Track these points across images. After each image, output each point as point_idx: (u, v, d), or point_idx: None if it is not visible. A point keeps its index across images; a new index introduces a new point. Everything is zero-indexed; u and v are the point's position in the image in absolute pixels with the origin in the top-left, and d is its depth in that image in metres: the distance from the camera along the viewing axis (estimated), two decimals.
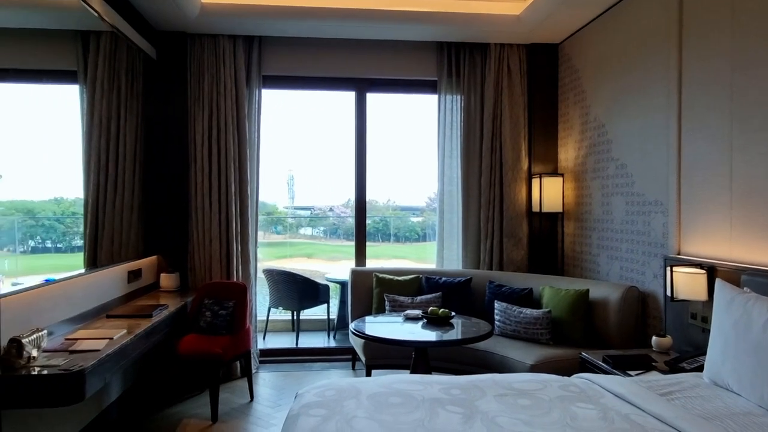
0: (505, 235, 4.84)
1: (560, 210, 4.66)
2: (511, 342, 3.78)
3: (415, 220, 9.20)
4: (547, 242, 4.90)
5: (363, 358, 4.08)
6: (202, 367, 3.68)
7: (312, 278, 5.77)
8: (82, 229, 4.05)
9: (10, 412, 2.43)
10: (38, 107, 3.64)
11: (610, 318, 3.60)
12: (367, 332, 3.41)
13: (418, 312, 3.72)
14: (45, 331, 2.49)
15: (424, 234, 9.09)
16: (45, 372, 2.29)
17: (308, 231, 10.01)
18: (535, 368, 3.36)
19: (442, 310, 3.56)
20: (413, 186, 8.92)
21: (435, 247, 5.12)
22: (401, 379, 2.41)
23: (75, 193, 4.08)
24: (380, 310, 4.44)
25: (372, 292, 4.60)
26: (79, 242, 4.08)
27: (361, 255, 5.16)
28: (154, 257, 4.56)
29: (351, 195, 5.15)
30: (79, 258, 3.98)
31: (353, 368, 4.79)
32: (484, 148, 4.90)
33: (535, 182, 4.77)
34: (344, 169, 8.76)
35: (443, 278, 4.49)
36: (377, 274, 4.60)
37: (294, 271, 5.76)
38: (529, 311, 3.82)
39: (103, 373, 2.56)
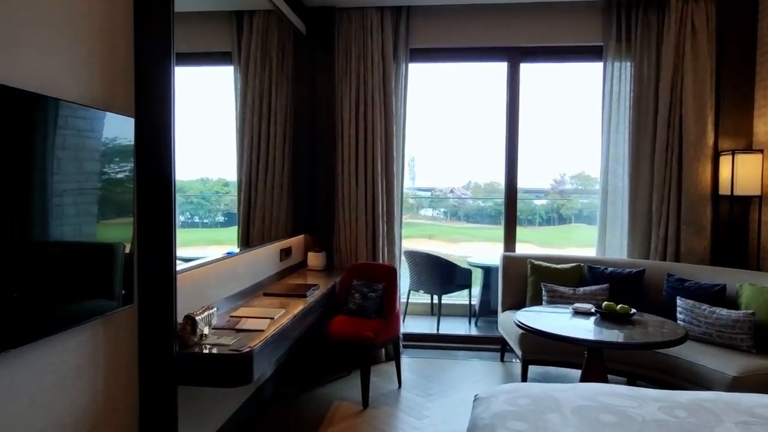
0: (684, 222, 4.19)
1: (758, 193, 3.92)
2: (701, 347, 3.23)
3: (539, 203, 8.70)
4: (737, 231, 4.18)
5: (519, 352, 3.75)
6: (352, 351, 3.58)
7: (454, 262, 5.51)
8: (224, 206, 4.13)
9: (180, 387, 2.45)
10: (198, 90, 3.71)
11: None
12: (531, 325, 3.07)
13: (588, 306, 3.30)
14: (215, 309, 2.47)
15: (548, 218, 8.67)
16: (215, 351, 2.25)
17: (428, 212, 9.84)
18: (738, 381, 2.81)
19: (620, 306, 3.11)
20: (539, 167, 8.23)
21: (593, 231, 4.61)
22: (603, 390, 2.05)
23: (219, 174, 4.15)
24: (536, 300, 4.06)
25: (526, 279, 4.23)
26: (222, 218, 4.19)
27: (510, 239, 4.79)
28: (302, 236, 4.57)
29: (472, 177, 4.77)
30: (221, 233, 4.08)
31: (502, 360, 4.48)
32: (659, 122, 4.26)
33: (725, 160, 4.06)
34: (466, 150, 8.31)
35: (609, 268, 3.99)
36: (532, 261, 4.21)
37: (437, 254, 5.54)
38: (725, 312, 3.23)
39: (268, 355, 2.49)
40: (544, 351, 3.64)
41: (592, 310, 3.24)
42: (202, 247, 3.84)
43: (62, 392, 1.82)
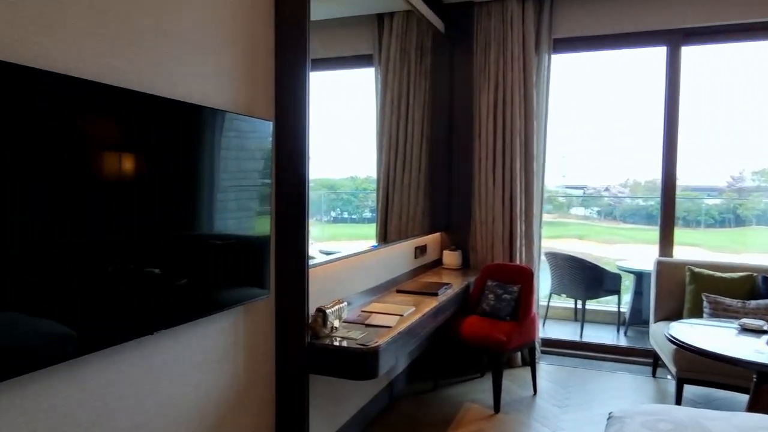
0: None
1: None
2: None
3: (710, 202, 7.73)
4: None
5: (672, 368, 3.38)
6: (484, 353, 3.50)
7: (602, 266, 5.13)
8: (370, 203, 4.26)
9: (313, 376, 2.59)
10: (345, 92, 3.89)
11: None
12: (686, 340, 2.74)
13: (760, 323, 2.86)
14: (345, 303, 2.57)
15: (721, 219, 7.67)
16: (344, 344, 2.34)
17: (580, 211, 9.26)
18: None
19: None
20: (711, 163, 7.13)
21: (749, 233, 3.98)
22: (763, 423, 1.76)
23: (366, 172, 4.29)
24: (695, 313, 3.62)
25: (684, 288, 3.79)
26: (368, 214, 4.34)
27: (667, 243, 4.32)
28: (437, 234, 4.57)
29: (630, 174, 4.32)
30: (367, 228, 4.22)
31: (653, 375, 4.06)
32: None
33: None
34: (623, 146, 7.58)
35: None
36: (692, 267, 3.76)
37: (582, 256, 5.20)
38: None
39: (394, 351, 2.53)
40: (703, 370, 3.23)
41: (765, 328, 2.79)
42: (349, 242, 4.05)
43: (208, 371, 2.02)
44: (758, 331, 2.79)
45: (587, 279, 5.05)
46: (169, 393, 1.84)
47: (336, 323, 2.49)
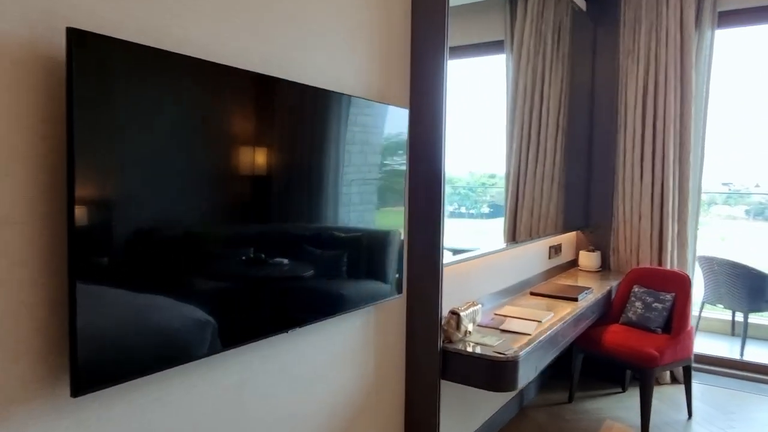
0: None
1: None
2: None
3: None
4: None
5: None
6: (630, 368, 3.12)
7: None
8: (488, 198, 4.01)
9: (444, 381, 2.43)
10: (469, 82, 3.68)
11: None
12: None
13: None
14: (480, 306, 2.38)
15: None
16: (479, 351, 2.15)
17: (724, 210, 8.28)
18: None
19: None
20: None
21: None
22: None
23: (485, 167, 4.04)
24: None
25: None
26: (486, 210, 4.10)
27: None
28: (573, 233, 4.21)
29: None
30: (486, 224, 3.98)
31: None
32: None
33: None
34: None
35: None
36: None
37: (745, 263, 4.53)
38: None
39: (534, 362, 2.30)
40: None
41: None
42: (467, 237, 3.86)
43: (339, 371, 1.94)
44: None
45: (750, 288, 4.39)
46: (301, 392, 1.78)
47: (470, 327, 2.31)
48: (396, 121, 2.04)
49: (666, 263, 3.84)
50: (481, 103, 3.91)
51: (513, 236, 3.88)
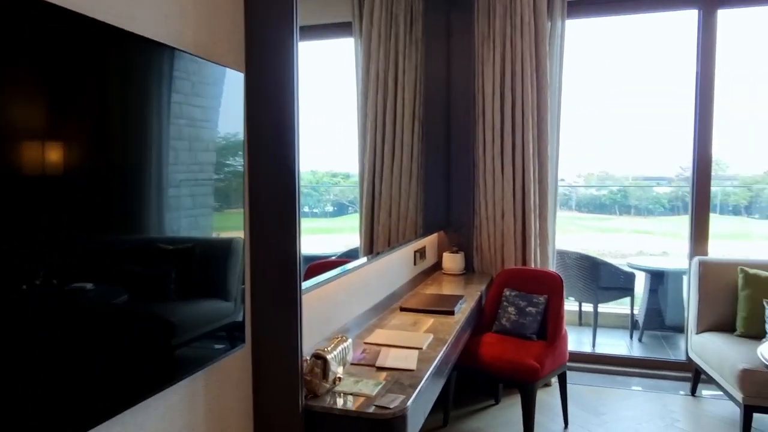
0: None
1: None
2: None
3: (660, 191, 7.90)
4: None
5: (737, 393, 2.76)
6: (510, 383, 2.81)
7: (616, 264, 4.55)
8: (332, 197, 3.52)
9: None
10: (309, 69, 3.10)
11: None
12: None
13: None
14: (349, 341, 1.81)
15: (671, 207, 7.85)
16: (355, 407, 1.58)
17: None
18: None
19: None
20: (659, 152, 7.10)
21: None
22: None
23: (332, 164, 3.53)
24: (752, 323, 3.04)
25: (734, 293, 3.20)
26: (330, 208, 3.62)
27: (701, 239, 3.74)
28: (435, 234, 3.86)
29: (583, 166, 3.73)
30: (329, 222, 3.47)
31: (693, 393, 3.47)
32: None
33: None
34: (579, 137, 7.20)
35: None
36: (745, 269, 3.17)
37: (593, 255, 4.60)
38: None
39: (423, 406, 1.80)
40: None
41: None
42: (310, 235, 3.30)
43: None
44: None
45: (600, 280, 4.45)
46: None
47: (340, 371, 1.73)
48: (226, 85, 1.38)
49: (530, 261, 3.65)
50: (326, 92, 3.32)
51: (370, 239, 3.40)
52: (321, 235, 3.30)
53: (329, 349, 1.68)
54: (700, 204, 3.73)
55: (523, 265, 3.65)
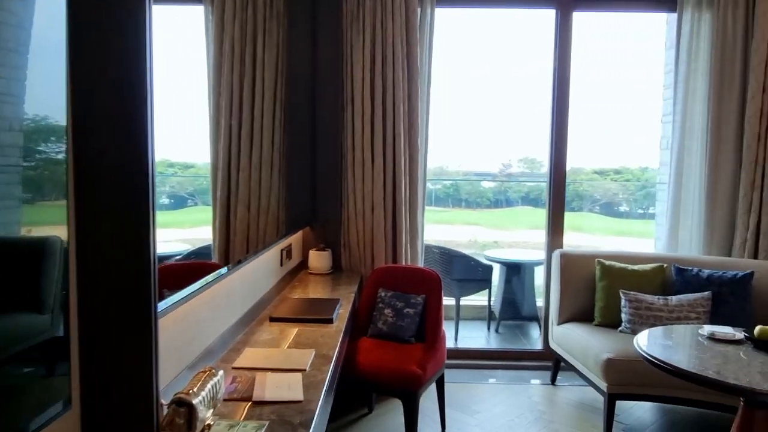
0: None
1: None
2: None
3: (487, 185, 8.60)
4: None
5: (601, 383, 2.85)
6: (391, 393, 2.57)
7: (474, 256, 4.59)
8: (168, 188, 3.04)
9: None
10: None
11: None
12: (674, 363, 2.15)
13: (731, 331, 2.42)
14: (221, 374, 1.41)
15: (496, 200, 8.63)
16: None
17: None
18: None
19: None
20: (486, 150, 7.83)
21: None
22: None
23: (161, 155, 3.00)
24: (610, 312, 3.18)
25: (592, 284, 3.34)
26: (165, 200, 3.12)
27: (557, 232, 3.87)
28: (300, 231, 3.49)
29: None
30: (164, 216, 2.99)
31: (553, 382, 3.58)
32: (751, 86, 3.42)
33: None
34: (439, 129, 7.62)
35: (705, 270, 3.14)
36: (602, 260, 3.31)
37: (455, 248, 4.59)
38: None
39: None
40: (636, 382, 2.76)
41: (738, 337, 2.35)
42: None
43: None
44: (730, 341, 2.34)
45: (462, 273, 4.46)
46: None
47: (209, 416, 1.32)
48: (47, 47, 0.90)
49: (401, 257, 3.47)
50: (168, 67, 2.78)
51: (226, 235, 2.94)
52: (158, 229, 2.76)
53: (195, 390, 1.27)
54: (557, 200, 3.86)
55: (393, 262, 3.46)
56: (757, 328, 2.27)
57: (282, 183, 3.41)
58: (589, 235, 8.10)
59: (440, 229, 7.99)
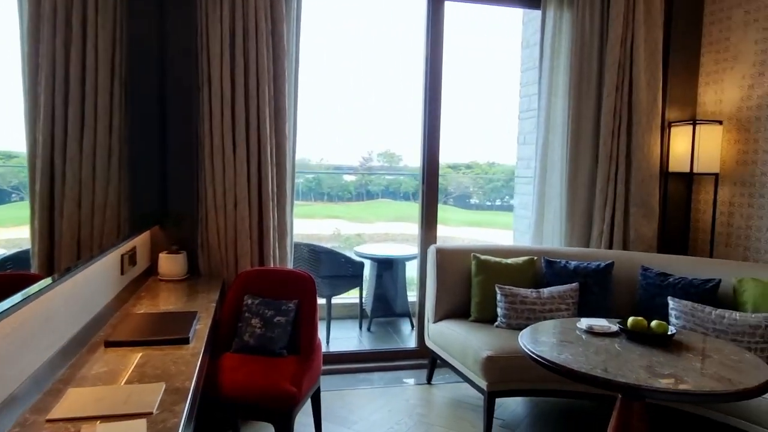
0: (634, 203, 3.61)
1: (717, 170, 3.48)
2: None
3: (348, 178, 8.75)
4: (682, 213, 3.74)
5: (480, 382, 2.77)
6: (263, 416, 2.23)
7: (344, 252, 4.37)
8: (7, 181, 2.45)
9: None
10: None
11: None
12: (544, 355, 2.08)
13: (606, 324, 2.43)
14: None
15: (357, 193, 8.77)
16: None
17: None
18: None
19: (657, 321, 2.29)
20: (348, 143, 7.93)
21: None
22: None
23: None
24: (486, 307, 3.13)
25: (468, 279, 3.27)
26: None
27: (430, 227, 3.78)
28: (148, 231, 2.98)
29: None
30: None
31: (429, 381, 3.48)
32: (606, 84, 3.58)
33: (680, 132, 3.55)
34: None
35: (572, 262, 3.22)
36: (478, 255, 3.26)
37: (323, 244, 4.32)
38: (737, 315, 2.63)
39: None
40: (515, 378, 2.72)
41: (614, 329, 2.37)
42: None
43: None
44: (607, 334, 2.35)
45: (333, 271, 4.21)
46: None
47: None
48: None
49: (269, 259, 3.11)
50: None
51: (49, 237, 2.38)
52: None
53: None
54: (430, 194, 3.76)
55: (261, 264, 3.09)
56: (630, 320, 2.31)
57: (123, 174, 2.87)
58: (446, 226, 8.42)
59: (304, 223, 7.80)
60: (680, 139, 3.53)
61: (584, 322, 2.43)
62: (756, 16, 3.31)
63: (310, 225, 8.36)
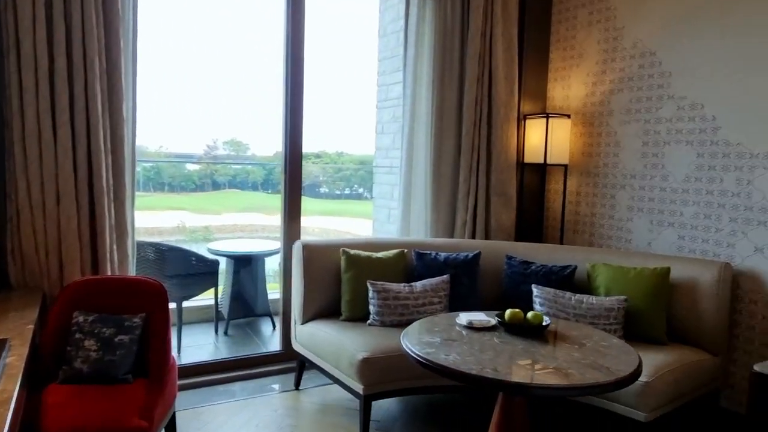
0: (494, 193, 3.69)
1: (566, 161, 3.69)
2: None
3: (192, 168, 8.34)
4: (536, 202, 3.92)
5: (356, 386, 2.60)
6: None
7: (197, 251, 3.93)
8: None
9: None
10: None
11: (700, 307, 2.76)
12: (431, 358, 1.97)
13: (486, 318, 2.37)
14: None
15: (202, 183, 8.42)
16: None
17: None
18: (651, 388, 2.34)
19: (532, 312, 2.29)
20: (190, 130, 7.43)
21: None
22: None
23: None
24: (358, 305, 2.97)
25: (337, 276, 3.08)
26: None
27: (294, 222, 3.51)
28: None
29: None
30: None
31: (297, 386, 3.24)
32: (468, 76, 3.61)
33: (534, 124, 3.70)
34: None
35: (442, 253, 3.18)
36: (347, 249, 3.08)
37: (174, 243, 3.83)
38: (594, 300, 2.78)
39: None
40: (391, 379, 2.60)
41: (494, 323, 2.33)
42: None
43: None
44: (487, 329, 2.30)
45: (184, 271, 3.76)
46: None
47: None
48: None
49: (106, 265, 2.61)
50: None
51: None
52: None
53: None
54: (293, 185, 3.50)
55: (94, 272, 2.58)
56: (507, 312, 2.29)
57: None
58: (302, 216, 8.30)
59: (144, 216, 7.10)
60: (534, 132, 3.68)
61: (463, 318, 2.37)
62: (599, 17, 3.54)
63: (151, 218, 7.70)
